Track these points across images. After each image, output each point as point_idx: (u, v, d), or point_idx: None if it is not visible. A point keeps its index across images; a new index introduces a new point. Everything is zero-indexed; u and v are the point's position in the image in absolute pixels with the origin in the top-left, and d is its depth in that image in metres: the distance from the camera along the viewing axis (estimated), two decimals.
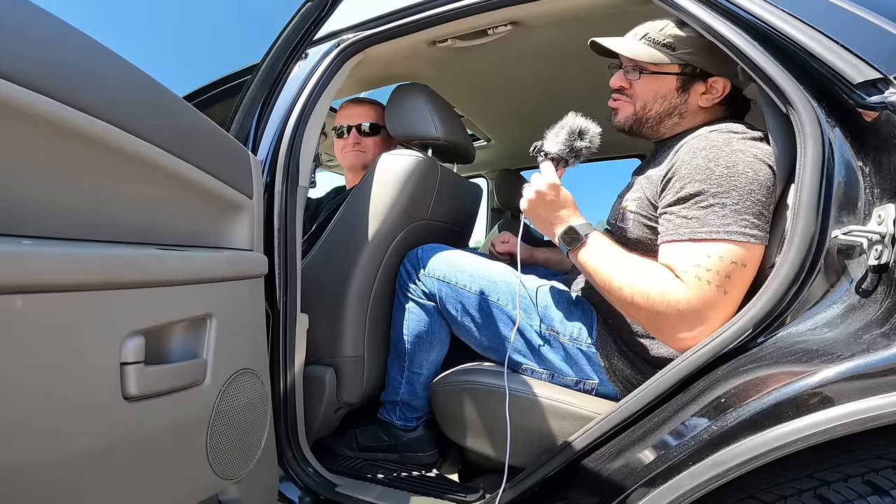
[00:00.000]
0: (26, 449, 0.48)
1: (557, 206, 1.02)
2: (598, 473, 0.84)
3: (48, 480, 0.51)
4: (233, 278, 0.80)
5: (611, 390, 1.07)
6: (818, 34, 0.80)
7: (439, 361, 1.29)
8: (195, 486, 0.71)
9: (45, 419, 0.50)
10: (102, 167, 0.60)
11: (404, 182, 1.28)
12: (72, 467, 0.53)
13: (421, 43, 1.38)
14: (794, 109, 0.79)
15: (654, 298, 0.88)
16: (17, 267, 0.46)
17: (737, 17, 0.89)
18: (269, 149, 1.17)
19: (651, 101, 1.07)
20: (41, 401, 0.49)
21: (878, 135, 0.71)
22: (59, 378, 0.51)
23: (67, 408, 0.52)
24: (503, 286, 1.15)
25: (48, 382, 0.50)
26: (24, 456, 0.48)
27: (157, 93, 0.70)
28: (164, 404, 0.63)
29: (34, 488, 0.49)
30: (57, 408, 0.51)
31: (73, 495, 0.53)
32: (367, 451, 1.32)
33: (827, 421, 0.57)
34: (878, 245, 0.65)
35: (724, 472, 0.63)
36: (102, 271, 0.54)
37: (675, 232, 0.90)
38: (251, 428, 0.83)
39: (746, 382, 0.69)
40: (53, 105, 0.51)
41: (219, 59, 1.15)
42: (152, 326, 0.62)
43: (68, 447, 0.52)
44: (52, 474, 0.51)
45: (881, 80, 0.72)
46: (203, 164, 0.75)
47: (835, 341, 0.64)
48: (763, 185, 0.86)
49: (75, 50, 0.57)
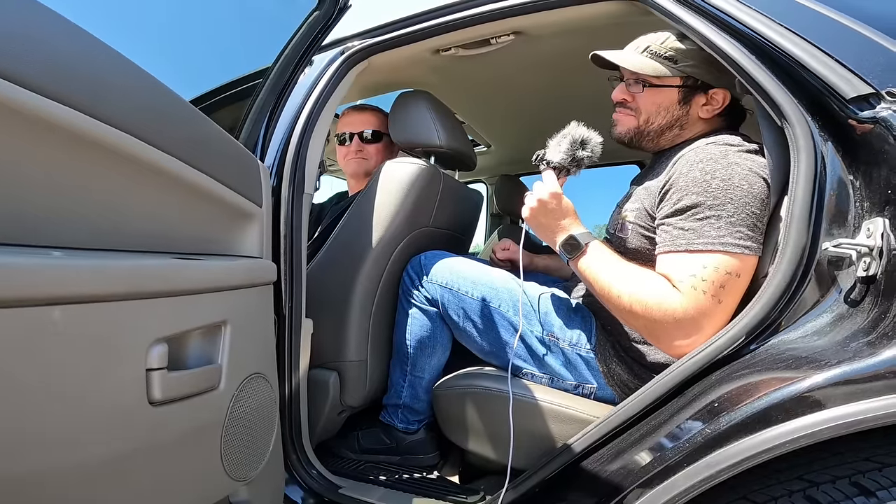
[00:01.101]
0: (60, 453, 0.50)
1: (559, 214, 1.05)
2: (596, 475, 0.86)
3: (78, 483, 0.53)
4: (246, 286, 0.82)
5: (609, 394, 1.09)
6: (813, 48, 0.81)
7: (441, 366, 1.31)
8: (209, 487, 0.74)
9: (78, 424, 0.52)
10: (116, 175, 0.61)
11: (408, 189, 1.31)
12: (101, 470, 0.55)
13: (425, 51, 1.40)
14: (789, 123, 0.81)
15: (651, 307, 0.91)
16: (51, 279, 0.48)
17: (735, 30, 0.90)
18: (275, 155, 1.19)
19: (654, 113, 1.09)
20: (75, 407, 0.51)
21: (869, 149, 0.73)
22: (91, 385, 0.53)
23: (99, 414, 0.54)
24: (504, 293, 1.18)
25: (81, 390, 0.52)
26: (58, 460, 0.50)
27: (170, 101, 0.71)
28: (185, 408, 0.65)
29: (65, 490, 0.51)
30: (90, 414, 0.53)
31: (100, 496, 0.56)
32: (369, 454, 1.34)
33: (814, 424, 0.60)
34: (866, 257, 0.67)
35: (717, 472, 0.66)
36: (130, 282, 0.57)
37: (673, 243, 0.93)
38: (261, 431, 0.86)
39: (739, 387, 0.72)
40: (70, 113, 0.52)
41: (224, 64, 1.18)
42: (174, 334, 0.64)
43: (100, 450, 0.54)
44: (82, 477, 0.53)
45: (873, 94, 0.73)
46: (214, 172, 0.77)
47: (823, 349, 0.67)
48: (757, 198, 0.88)
49: (88, 56, 0.58)
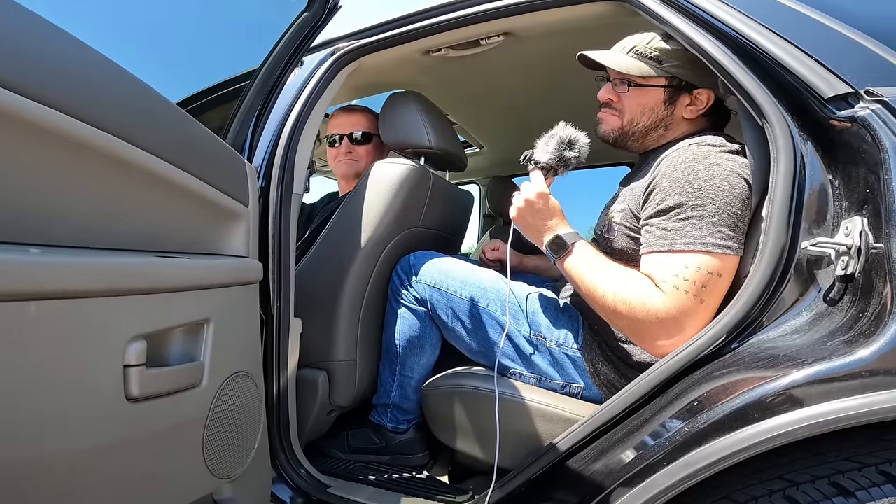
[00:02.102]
0: (35, 446, 0.51)
1: (546, 214, 1.05)
2: (580, 474, 0.86)
3: (54, 476, 0.53)
4: (229, 284, 0.82)
5: (596, 394, 1.10)
6: (793, 48, 0.82)
7: (430, 365, 1.32)
8: (191, 483, 0.74)
9: (54, 418, 0.52)
10: (102, 177, 0.62)
11: (397, 189, 1.31)
12: (77, 464, 0.55)
13: (415, 52, 1.40)
14: (769, 123, 0.82)
15: (635, 307, 0.91)
16: (28, 275, 0.49)
17: (718, 31, 0.91)
18: (264, 156, 1.20)
19: (639, 114, 1.10)
20: (50, 401, 0.52)
21: (847, 149, 0.74)
22: (66, 380, 0.53)
23: (74, 407, 0.54)
24: (493, 293, 1.18)
25: (56, 384, 0.52)
26: (33, 452, 0.51)
27: (155, 102, 0.72)
28: (164, 405, 0.66)
29: (40, 483, 0.52)
30: (65, 407, 0.53)
31: (77, 490, 0.56)
32: (358, 453, 1.34)
33: (789, 423, 0.60)
34: (844, 256, 0.68)
35: (696, 472, 0.66)
36: (107, 279, 0.57)
37: (656, 243, 0.93)
38: (246, 429, 0.86)
39: (718, 387, 0.72)
40: (55, 115, 0.52)
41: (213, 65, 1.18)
42: (154, 331, 0.64)
43: (74, 444, 0.54)
44: (57, 470, 0.53)
45: (851, 94, 0.74)
46: (200, 173, 0.77)
47: (801, 347, 0.67)
48: (738, 198, 0.89)
49: (74, 58, 0.58)
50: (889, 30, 0.80)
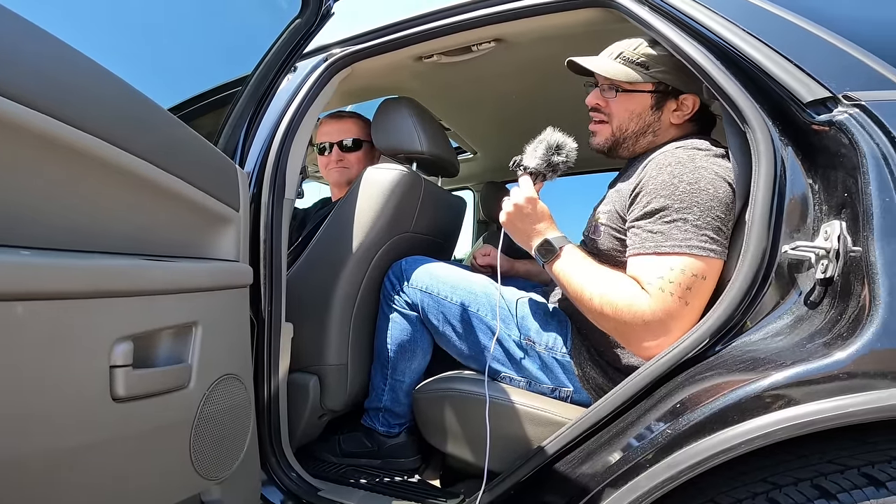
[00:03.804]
0: (19, 443, 0.51)
1: (534, 219, 1.06)
2: (568, 476, 0.87)
3: (38, 473, 0.54)
4: (217, 288, 0.83)
5: (585, 398, 1.10)
6: (775, 53, 0.83)
7: (421, 369, 1.32)
8: (178, 483, 0.74)
9: (38, 416, 0.53)
10: (91, 180, 0.62)
11: (388, 195, 1.32)
12: (61, 461, 0.56)
13: (407, 58, 1.42)
14: (750, 128, 0.82)
15: (621, 309, 0.92)
16: (15, 276, 0.49)
17: (702, 36, 0.92)
18: (256, 161, 1.20)
19: (626, 119, 1.11)
20: (35, 399, 0.52)
21: (827, 153, 0.74)
22: (52, 378, 0.54)
23: (59, 406, 0.55)
24: (483, 298, 1.19)
25: (42, 382, 0.53)
26: (17, 449, 0.51)
27: (144, 107, 0.72)
28: (151, 406, 0.66)
29: (25, 480, 0.52)
30: (50, 406, 0.54)
31: (62, 488, 0.56)
32: (350, 457, 1.34)
33: (768, 426, 0.61)
34: (824, 260, 0.69)
35: (678, 473, 0.66)
36: (92, 281, 0.58)
37: (642, 245, 0.94)
38: (234, 431, 0.86)
39: (701, 389, 0.73)
40: (40, 118, 0.53)
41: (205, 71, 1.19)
42: (140, 332, 0.65)
43: (59, 443, 0.55)
44: (42, 467, 0.54)
45: (830, 98, 0.75)
46: (190, 177, 0.78)
47: (781, 350, 0.68)
48: (722, 202, 0.90)
49: (62, 62, 0.59)
50: (868, 33, 0.81)
